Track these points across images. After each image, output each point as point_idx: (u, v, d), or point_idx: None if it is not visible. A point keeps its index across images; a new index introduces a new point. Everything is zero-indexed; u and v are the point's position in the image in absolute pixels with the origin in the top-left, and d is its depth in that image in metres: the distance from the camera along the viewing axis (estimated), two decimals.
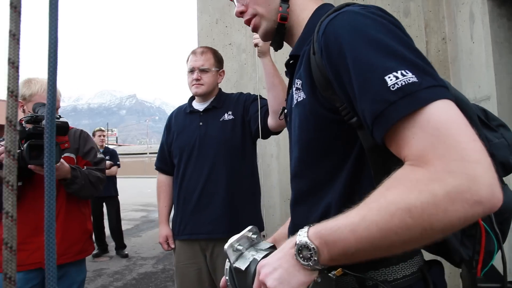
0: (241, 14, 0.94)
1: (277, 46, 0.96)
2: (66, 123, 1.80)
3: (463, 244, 0.74)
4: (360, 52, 0.63)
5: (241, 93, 2.17)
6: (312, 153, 0.78)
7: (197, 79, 2.06)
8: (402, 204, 0.54)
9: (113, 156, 6.05)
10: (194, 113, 2.11)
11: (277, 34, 0.91)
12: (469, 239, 0.74)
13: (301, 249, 0.63)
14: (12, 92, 0.52)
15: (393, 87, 0.58)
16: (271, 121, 1.89)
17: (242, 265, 0.75)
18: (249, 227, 0.81)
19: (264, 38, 0.94)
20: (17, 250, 1.49)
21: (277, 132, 1.97)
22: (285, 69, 0.94)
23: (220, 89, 2.20)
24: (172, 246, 2.14)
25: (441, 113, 0.56)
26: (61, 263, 1.91)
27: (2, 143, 1.84)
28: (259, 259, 0.73)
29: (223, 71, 2.20)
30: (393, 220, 0.54)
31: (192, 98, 2.20)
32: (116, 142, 68.70)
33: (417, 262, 0.76)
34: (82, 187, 1.94)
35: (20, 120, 1.82)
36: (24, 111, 2.02)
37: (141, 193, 14.95)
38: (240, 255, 0.77)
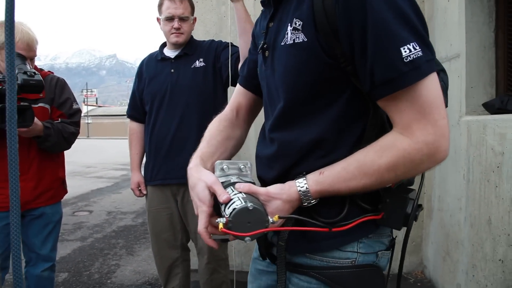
0: None
1: None
2: (41, 81, 1.77)
3: None
4: (384, 16, 0.71)
5: (213, 40, 2.17)
6: (306, 94, 0.83)
7: (178, 28, 2.03)
8: (391, 170, 0.75)
9: None
10: (165, 60, 2.11)
11: None
12: None
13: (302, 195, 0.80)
14: None
15: (406, 59, 0.70)
16: None
17: (221, 180, 0.86)
18: (245, 161, 0.90)
19: None
20: None
21: None
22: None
23: (191, 36, 2.18)
24: (144, 192, 2.20)
25: (429, 91, 0.72)
26: (36, 207, 2.07)
27: None
28: (232, 181, 0.85)
29: (195, 18, 2.18)
30: (382, 179, 0.77)
31: (163, 45, 2.18)
32: (96, 103, 67.19)
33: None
34: (54, 144, 2.00)
35: None
36: None
37: (121, 153, 14.77)
38: (224, 175, 0.88)
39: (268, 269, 1.00)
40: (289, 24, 0.83)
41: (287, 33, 0.83)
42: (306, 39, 0.80)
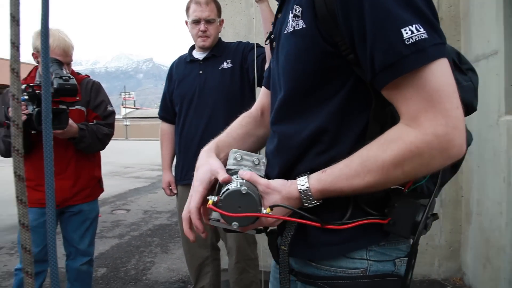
0: None
1: None
2: (75, 85, 1.87)
3: None
4: None
5: (240, 41, 2.19)
6: (305, 84, 0.79)
7: (204, 31, 2.08)
8: (396, 164, 0.67)
9: None
10: (194, 62, 2.15)
11: None
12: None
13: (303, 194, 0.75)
14: (14, 69, 0.61)
15: (407, 41, 0.63)
16: None
17: (230, 167, 0.87)
18: (261, 156, 0.89)
19: None
20: (35, 190, 1.65)
21: None
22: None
23: (219, 38, 2.21)
24: (175, 191, 2.25)
25: (437, 77, 0.64)
26: (74, 204, 2.19)
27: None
28: (242, 169, 0.85)
29: (223, 20, 2.22)
30: (388, 177, 0.69)
31: (192, 48, 2.23)
32: (134, 105, 69.49)
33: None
34: (89, 145, 2.11)
35: (35, 86, 1.88)
36: (38, 62, 2.12)
37: (157, 154, 15.10)
38: (236, 164, 0.87)
39: None
40: (290, 11, 0.79)
41: (289, 21, 0.79)
42: (305, 26, 0.75)
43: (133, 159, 14.53)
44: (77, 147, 2.11)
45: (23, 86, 1.83)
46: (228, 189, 0.74)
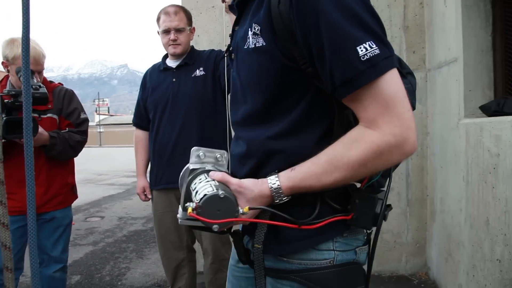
0: None
1: None
2: (45, 93, 1.87)
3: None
4: (335, 18, 0.72)
5: (213, 49, 2.26)
6: (267, 96, 0.85)
7: (174, 40, 2.13)
8: (362, 162, 0.75)
9: None
10: (167, 70, 2.20)
11: None
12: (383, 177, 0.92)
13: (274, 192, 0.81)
14: None
15: (363, 58, 0.71)
16: None
17: (194, 166, 0.90)
18: (222, 151, 0.93)
19: None
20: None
21: None
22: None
23: (192, 46, 2.27)
24: (149, 196, 2.28)
25: (390, 86, 0.73)
26: (46, 211, 2.17)
27: None
28: (207, 168, 0.88)
29: (194, 28, 2.28)
30: (354, 173, 0.77)
31: (166, 56, 2.28)
32: (108, 112, 68.06)
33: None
34: (60, 152, 2.10)
35: (3, 96, 1.85)
36: (8, 71, 2.10)
37: (132, 161, 14.81)
38: (199, 162, 0.91)
39: (247, 274, 0.99)
40: (249, 29, 0.84)
41: (249, 37, 0.84)
42: (265, 44, 0.81)
43: (107, 166, 14.28)
44: (48, 154, 2.10)
45: None
46: (205, 194, 0.75)
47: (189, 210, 0.75)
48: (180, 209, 0.84)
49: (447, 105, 2.62)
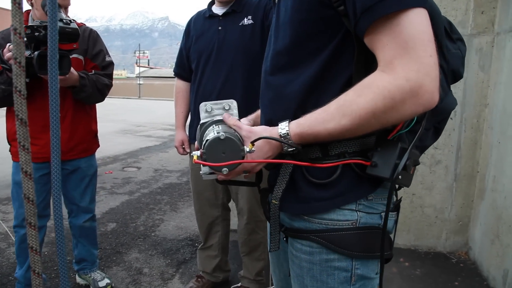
0: None
1: None
2: (77, 29, 1.72)
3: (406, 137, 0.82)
4: None
5: None
6: (303, 33, 0.81)
7: None
8: (370, 109, 0.70)
9: None
10: (213, 17, 2.06)
11: None
12: (411, 133, 0.82)
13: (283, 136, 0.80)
14: (15, 0, 0.54)
15: None
16: None
17: (204, 121, 0.92)
18: (230, 100, 0.94)
19: None
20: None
21: None
22: None
23: None
24: (188, 150, 2.23)
25: (414, 25, 0.67)
26: (69, 159, 2.12)
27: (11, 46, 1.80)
28: (216, 119, 0.90)
29: None
30: (362, 122, 0.71)
31: (212, 2, 2.13)
32: (148, 64, 68.96)
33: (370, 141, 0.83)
34: (89, 95, 2.01)
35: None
36: (32, 5, 1.96)
37: (170, 114, 15.23)
38: (209, 116, 0.93)
39: (285, 248, 0.98)
40: None
41: None
42: None
43: (145, 117, 14.58)
44: (77, 97, 2.00)
45: None
46: (207, 140, 0.76)
47: (195, 157, 0.76)
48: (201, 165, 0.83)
49: None
